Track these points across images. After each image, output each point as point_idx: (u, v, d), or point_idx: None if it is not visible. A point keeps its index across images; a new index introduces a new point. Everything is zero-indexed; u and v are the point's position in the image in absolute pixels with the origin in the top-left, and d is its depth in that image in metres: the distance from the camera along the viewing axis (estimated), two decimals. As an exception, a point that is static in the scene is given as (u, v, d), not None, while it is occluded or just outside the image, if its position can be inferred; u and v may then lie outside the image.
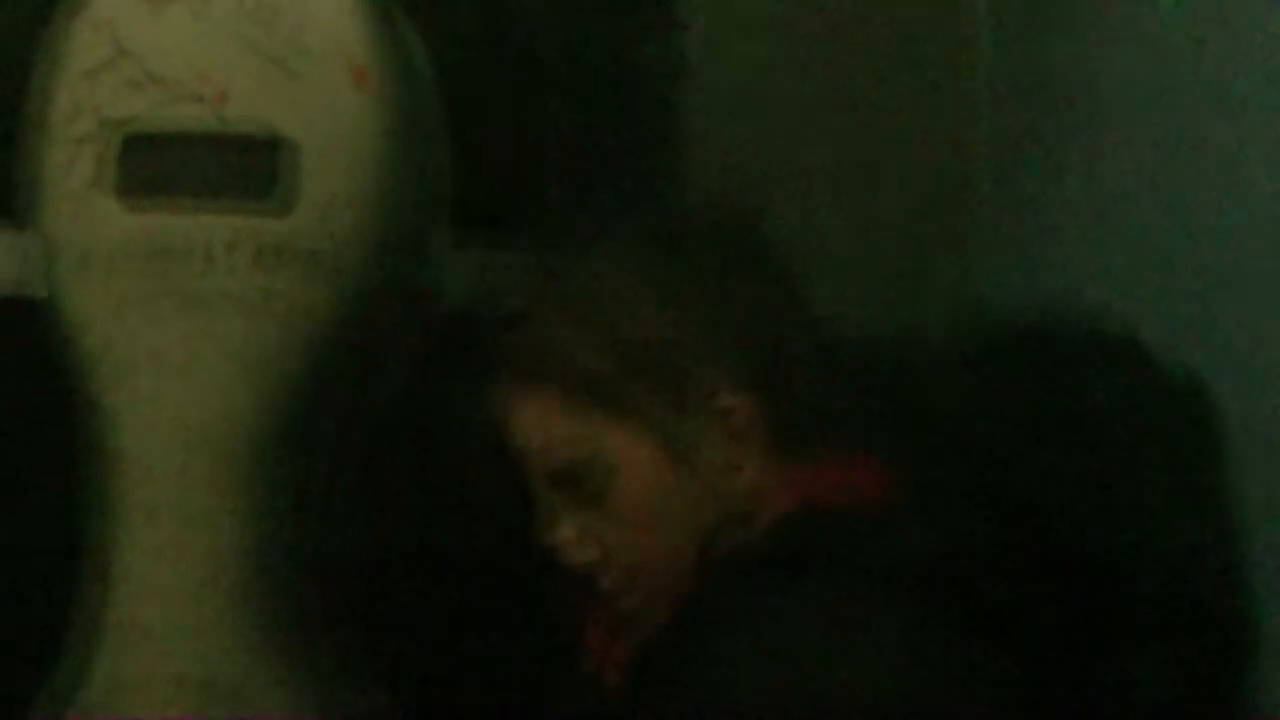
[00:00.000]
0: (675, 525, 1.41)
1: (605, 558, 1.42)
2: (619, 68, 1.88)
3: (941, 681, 1.29)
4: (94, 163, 1.63)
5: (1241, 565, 1.36)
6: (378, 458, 1.70)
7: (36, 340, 1.67)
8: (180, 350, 1.62)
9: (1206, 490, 1.38)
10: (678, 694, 1.31)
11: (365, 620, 1.70)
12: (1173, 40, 1.59)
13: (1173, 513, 1.36)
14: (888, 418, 1.41)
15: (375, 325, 1.66)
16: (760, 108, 1.90)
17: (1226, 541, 1.37)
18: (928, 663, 1.29)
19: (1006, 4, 1.92)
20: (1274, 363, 1.45)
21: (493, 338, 1.46)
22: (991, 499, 1.34)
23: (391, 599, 1.75)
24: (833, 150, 1.90)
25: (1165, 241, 1.57)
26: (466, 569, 1.79)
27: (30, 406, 1.79)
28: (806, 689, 1.26)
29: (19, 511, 1.81)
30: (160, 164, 1.62)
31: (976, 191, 1.92)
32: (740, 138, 1.87)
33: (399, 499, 1.76)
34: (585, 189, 1.86)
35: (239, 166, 1.61)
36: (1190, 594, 1.34)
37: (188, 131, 1.61)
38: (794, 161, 1.88)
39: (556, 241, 1.50)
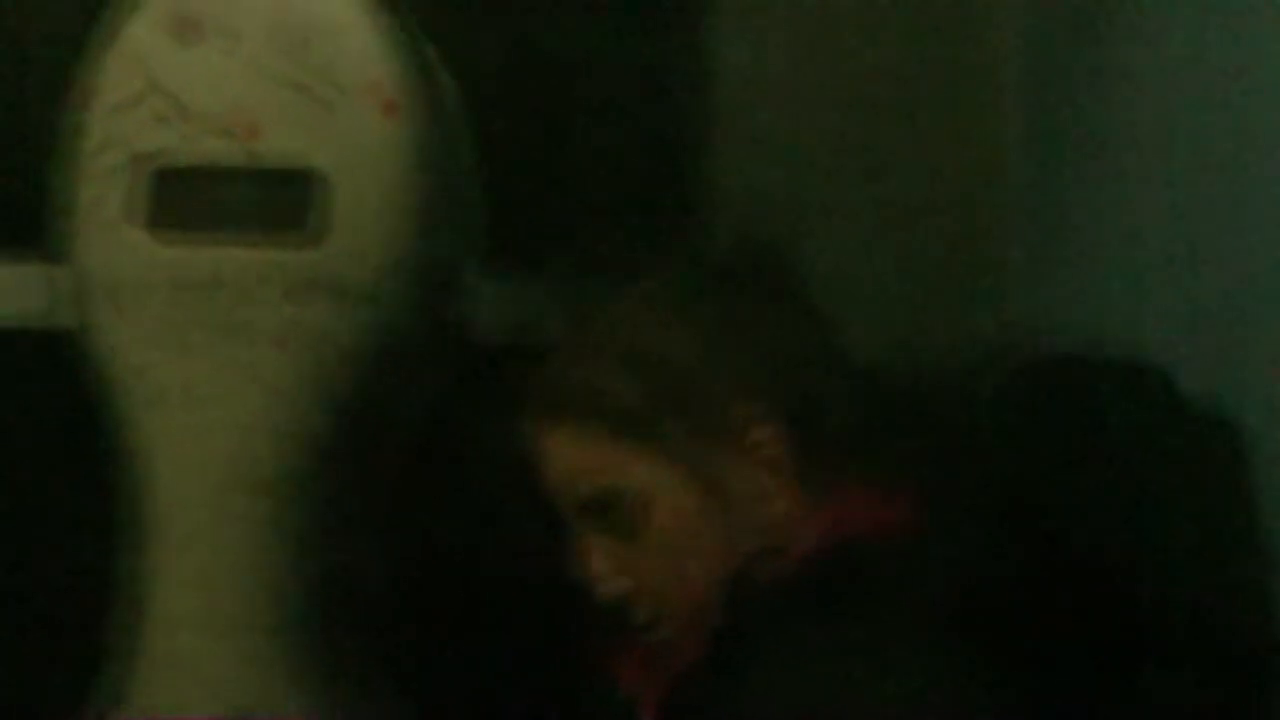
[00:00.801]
0: (707, 557, 1.41)
1: (637, 589, 1.42)
2: (648, 97, 1.88)
3: (975, 712, 1.29)
4: (125, 196, 1.63)
5: (1273, 597, 1.36)
6: (408, 488, 1.70)
7: (68, 372, 1.68)
8: (211, 382, 1.62)
9: (1236, 523, 1.37)
10: (711, 727, 1.31)
11: (396, 648, 1.70)
12: (1205, 69, 1.59)
13: (1203, 545, 1.36)
14: (919, 449, 1.41)
15: (406, 356, 1.66)
16: (793, 139, 1.90)
17: (1257, 574, 1.37)
18: (961, 694, 1.29)
19: (1040, 35, 1.92)
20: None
21: (523, 367, 1.46)
22: (1022, 530, 1.34)
23: (422, 628, 1.75)
24: (865, 180, 1.90)
25: (1199, 274, 1.57)
26: (496, 599, 1.79)
27: (62, 438, 1.79)
28: (841, 722, 1.27)
29: (53, 541, 1.82)
30: (191, 197, 1.62)
31: (1009, 222, 1.92)
32: (772, 169, 1.87)
33: (429, 529, 1.77)
34: (615, 219, 1.86)
35: (270, 200, 1.61)
36: (1221, 625, 1.34)
37: (218, 165, 1.62)
38: (826, 192, 1.88)
39: (586, 271, 1.50)
